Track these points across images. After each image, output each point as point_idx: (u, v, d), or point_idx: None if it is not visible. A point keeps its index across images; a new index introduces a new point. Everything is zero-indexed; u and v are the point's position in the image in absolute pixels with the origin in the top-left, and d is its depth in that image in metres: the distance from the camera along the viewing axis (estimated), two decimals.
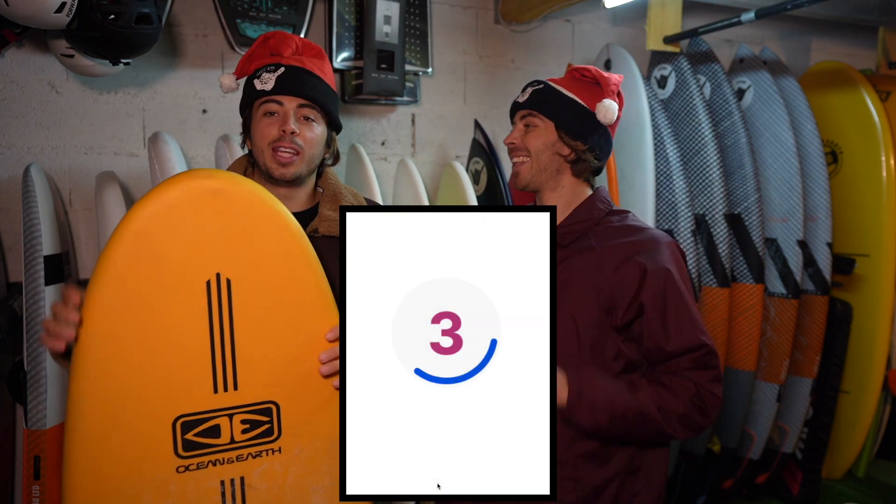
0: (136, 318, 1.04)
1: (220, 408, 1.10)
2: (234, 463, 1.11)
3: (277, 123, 1.32)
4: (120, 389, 1.05)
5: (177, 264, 1.05)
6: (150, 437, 1.07)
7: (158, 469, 1.07)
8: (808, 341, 2.81)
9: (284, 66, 1.33)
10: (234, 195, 1.08)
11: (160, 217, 1.05)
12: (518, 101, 1.44)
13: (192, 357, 1.08)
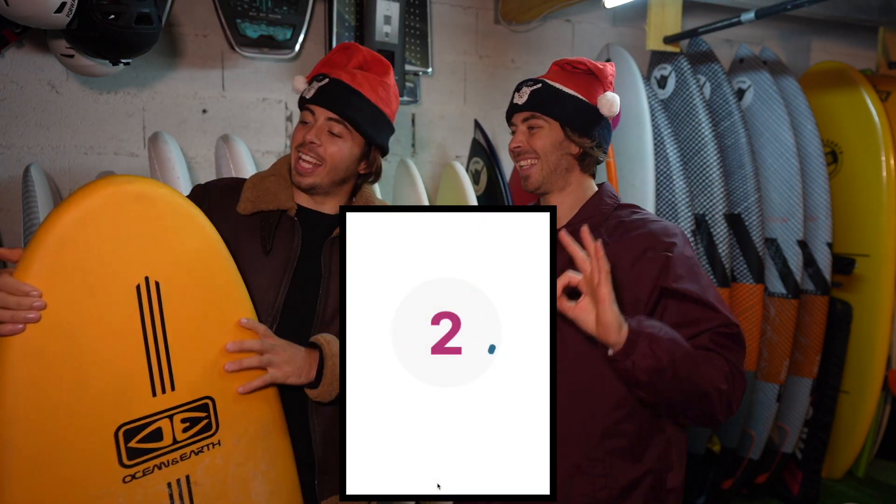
0: (65, 332, 1.00)
1: (160, 410, 1.09)
2: (179, 463, 1.11)
3: (305, 131, 1.36)
4: (54, 408, 1.00)
5: (104, 271, 1.03)
6: (92, 451, 1.03)
7: (104, 483, 1.04)
8: (808, 341, 2.81)
9: (330, 78, 1.37)
10: (154, 199, 1.09)
11: (82, 224, 1.01)
12: (516, 102, 1.39)
13: (128, 363, 1.06)
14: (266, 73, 2.56)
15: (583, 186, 1.41)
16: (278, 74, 2.57)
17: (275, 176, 1.42)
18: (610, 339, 1.15)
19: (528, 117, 1.37)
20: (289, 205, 1.37)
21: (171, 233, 1.11)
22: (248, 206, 1.37)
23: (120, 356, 1.05)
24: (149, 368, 1.08)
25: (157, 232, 1.09)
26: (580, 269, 1.16)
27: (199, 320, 1.14)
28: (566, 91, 1.37)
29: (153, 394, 1.08)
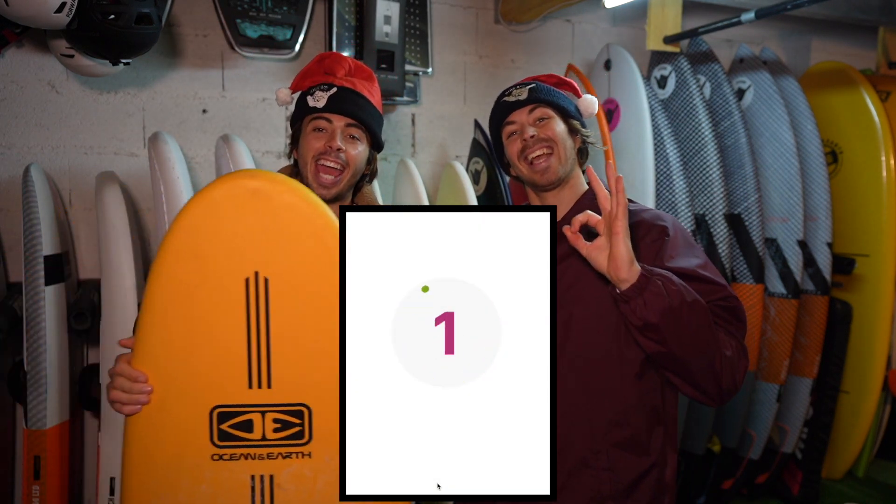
0: (182, 311, 1.10)
1: (254, 404, 1.13)
2: (265, 460, 1.14)
3: (325, 139, 1.39)
4: (165, 376, 1.11)
5: (218, 261, 1.10)
6: (189, 423, 1.12)
7: (196, 454, 1.12)
8: (808, 341, 2.81)
9: (337, 87, 1.40)
10: (273, 195, 1.10)
11: (204, 215, 1.09)
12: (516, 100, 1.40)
13: (229, 351, 1.11)
14: (266, 73, 2.56)
15: (580, 181, 1.43)
16: (278, 74, 2.57)
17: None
18: (621, 275, 1.16)
19: (535, 108, 1.38)
20: None
21: (285, 231, 1.11)
22: None
23: (223, 343, 1.11)
24: (248, 360, 1.12)
25: (271, 229, 1.10)
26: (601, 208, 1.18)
27: (305, 326, 1.13)
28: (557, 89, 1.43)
29: (249, 385, 1.12)
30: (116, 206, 2.00)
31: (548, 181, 1.37)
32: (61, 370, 2.01)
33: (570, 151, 1.39)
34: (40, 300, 1.95)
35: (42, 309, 1.95)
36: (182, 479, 1.12)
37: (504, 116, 1.43)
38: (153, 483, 1.12)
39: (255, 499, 1.14)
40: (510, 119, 1.42)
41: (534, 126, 1.38)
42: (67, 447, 2.06)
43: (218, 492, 1.12)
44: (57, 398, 2.00)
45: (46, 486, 2.00)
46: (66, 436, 2.05)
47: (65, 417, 2.04)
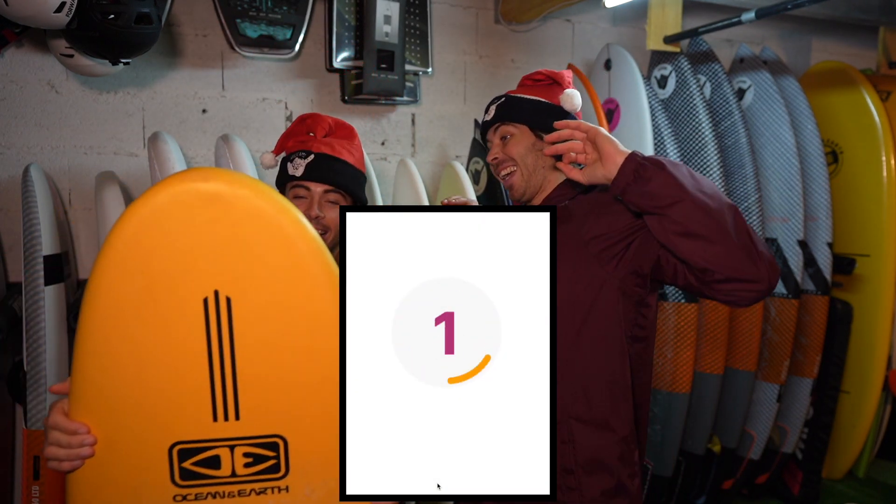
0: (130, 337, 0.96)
1: (220, 438, 1.01)
2: (236, 497, 1.03)
3: (304, 206, 1.42)
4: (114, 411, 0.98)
5: (170, 279, 0.94)
6: (146, 462, 1.00)
7: (155, 496, 1.01)
8: (808, 341, 2.81)
9: (314, 154, 1.44)
10: (232, 201, 0.94)
11: (150, 225, 0.92)
12: (486, 120, 1.47)
13: (188, 381, 0.98)
14: (266, 73, 2.56)
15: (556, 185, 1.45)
16: (278, 74, 2.57)
17: None
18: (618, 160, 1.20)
19: (499, 127, 1.45)
20: None
21: (250, 243, 0.96)
22: None
23: (181, 372, 0.98)
24: (211, 391, 0.99)
25: (233, 241, 0.95)
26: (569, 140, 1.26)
27: (277, 348, 1.01)
28: (528, 98, 1.45)
29: (213, 418, 1.00)
30: (116, 206, 1.99)
31: (516, 196, 1.45)
32: (61, 370, 2.01)
33: (537, 162, 1.42)
34: (40, 300, 1.95)
35: (42, 309, 1.95)
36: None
37: (484, 135, 1.51)
38: None
39: None
40: (488, 138, 1.50)
41: (499, 146, 1.45)
42: None
43: None
44: (57, 398, 1.99)
45: (46, 486, 1.99)
46: None
47: None
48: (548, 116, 1.41)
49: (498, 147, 1.45)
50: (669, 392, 2.52)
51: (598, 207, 1.33)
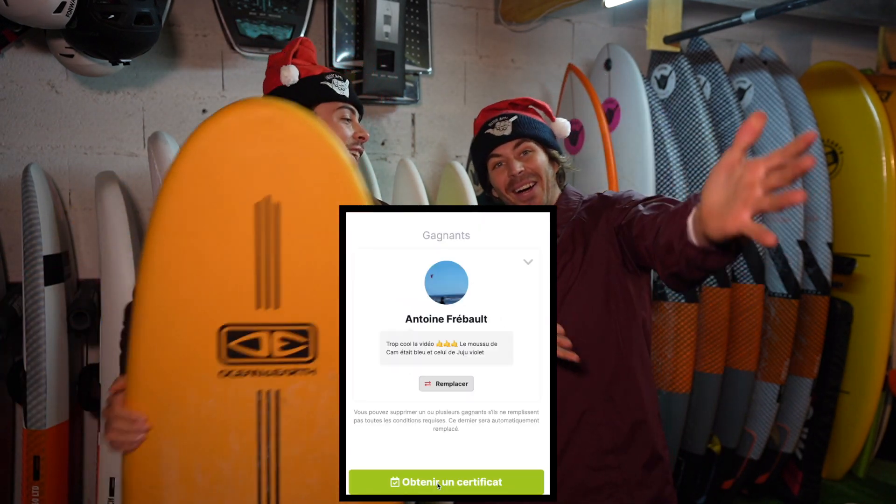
0: (194, 231, 1.13)
1: (262, 322, 1.16)
2: (271, 376, 1.17)
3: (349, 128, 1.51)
4: (175, 294, 1.14)
5: (230, 184, 1.12)
6: (199, 340, 1.15)
7: (204, 370, 1.15)
8: (808, 341, 2.81)
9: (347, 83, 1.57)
10: (285, 123, 1.13)
11: (217, 139, 1.12)
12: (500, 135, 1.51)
13: (238, 271, 1.14)
14: None
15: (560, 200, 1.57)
16: None
17: None
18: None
19: (519, 143, 1.51)
20: None
21: (298, 158, 1.14)
22: None
23: (233, 263, 1.14)
24: (256, 281, 1.14)
25: (283, 156, 1.13)
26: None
27: (314, 249, 1.17)
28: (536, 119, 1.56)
29: (257, 305, 1.15)
30: (116, 206, 1.99)
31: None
32: (61, 370, 2.01)
33: (552, 179, 1.53)
34: (40, 300, 1.95)
35: (42, 309, 1.95)
36: (189, 392, 1.15)
37: (490, 149, 1.54)
38: (161, 393, 1.15)
39: (262, 412, 1.17)
40: (496, 152, 1.53)
41: (519, 160, 1.50)
42: (67, 447, 2.06)
43: (225, 405, 1.16)
44: (56, 398, 1.99)
45: (46, 487, 1.99)
46: (65, 436, 2.05)
47: (64, 417, 2.03)
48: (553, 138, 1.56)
49: (520, 162, 1.50)
50: (669, 392, 2.52)
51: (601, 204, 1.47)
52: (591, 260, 1.40)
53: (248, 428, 1.17)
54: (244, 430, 1.17)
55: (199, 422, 1.16)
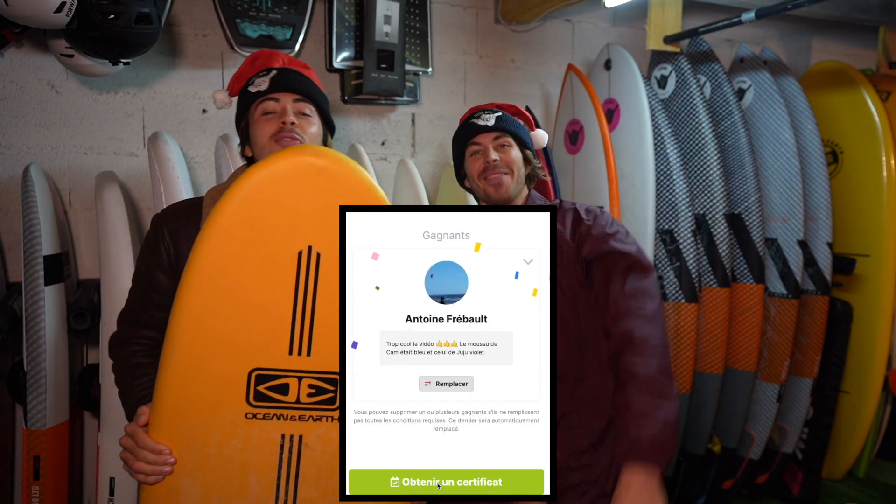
0: (233, 274, 1.14)
1: (293, 369, 1.18)
2: (296, 421, 1.19)
3: (275, 119, 1.34)
4: (209, 335, 1.15)
5: (275, 231, 1.13)
6: (227, 381, 1.16)
7: (230, 412, 1.17)
8: (808, 341, 2.81)
9: (276, 69, 1.38)
10: (336, 174, 1.15)
11: (266, 185, 1.13)
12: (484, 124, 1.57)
13: (275, 318, 1.16)
14: None
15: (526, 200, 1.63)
16: None
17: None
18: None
19: (499, 136, 1.57)
20: None
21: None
22: None
23: (270, 309, 1.15)
24: (291, 328, 1.16)
25: (330, 207, 1.13)
26: None
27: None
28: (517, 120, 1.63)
29: (289, 352, 1.17)
30: (116, 206, 1.99)
31: (500, 196, 1.54)
32: (61, 370, 2.01)
33: (522, 176, 1.59)
34: (40, 300, 1.95)
35: (42, 309, 1.95)
36: (214, 431, 1.17)
37: (470, 137, 1.59)
38: (186, 430, 1.16)
39: (284, 456, 1.19)
40: (476, 140, 1.58)
41: (496, 151, 1.56)
42: (67, 447, 2.06)
43: (248, 446, 1.18)
44: (56, 398, 1.99)
45: (46, 486, 2.00)
46: (65, 436, 2.05)
47: (64, 417, 2.03)
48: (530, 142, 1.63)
49: (497, 152, 1.56)
50: None
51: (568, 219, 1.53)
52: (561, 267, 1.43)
53: (269, 470, 1.19)
54: (265, 472, 1.19)
55: (222, 461, 1.17)
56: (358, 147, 2.43)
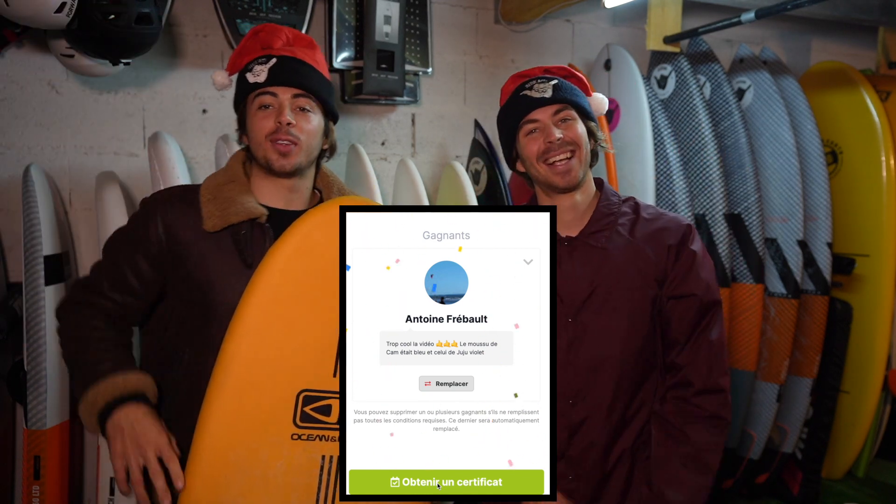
0: (288, 299, 1.21)
1: (335, 391, 1.21)
2: (335, 442, 1.21)
3: (273, 115, 1.30)
4: (262, 357, 1.20)
5: (328, 265, 1.18)
6: (277, 402, 1.20)
7: (278, 432, 1.20)
8: (808, 341, 2.81)
9: (276, 57, 1.31)
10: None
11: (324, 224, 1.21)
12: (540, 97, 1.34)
13: (323, 342, 1.21)
14: None
15: (591, 184, 1.43)
16: None
17: (233, 182, 1.35)
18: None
19: (560, 109, 1.35)
20: (258, 212, 1.32)
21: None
22: (217, 222, 1.30)
23: (319, 334, 1.21)
24: (338, 354, 1.21)
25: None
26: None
27: None
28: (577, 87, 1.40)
29: (334, 374, 1.22)
30: (116, 206, 1.99)
31: (568, 184, 1.35)
32: (61, 370, 2.01)
33: (588, 155, 1.37)
34: (40, 300, 1.95)
35: (42, 309, 1.95)
36: (262, 452, 1.19)
37: (525, 112, 1.36)
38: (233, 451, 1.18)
39: (323, 476, 1.22)
40: (532, 117, 1.35)
41: (558, 127, 1.34)
42: (67, 447, 2.06)
43: (291, 468, 1.20)
44: (57, 398, 1.99)
45: (46, 486, 1.99)
46: (66, 436, 2.05)
47: (65, 417, 2.03)
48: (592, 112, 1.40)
49: (559, 129, 1.33)
50: None
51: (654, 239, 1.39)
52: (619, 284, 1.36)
53: (310, 491, 1.22)
54: (306, 493, 1.21)
55: (266, 484, 1.19)
56: (358, 147, 2.43)
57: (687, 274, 1.34)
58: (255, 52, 1.36)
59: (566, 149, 1.34)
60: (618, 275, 1.34)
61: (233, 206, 1.31)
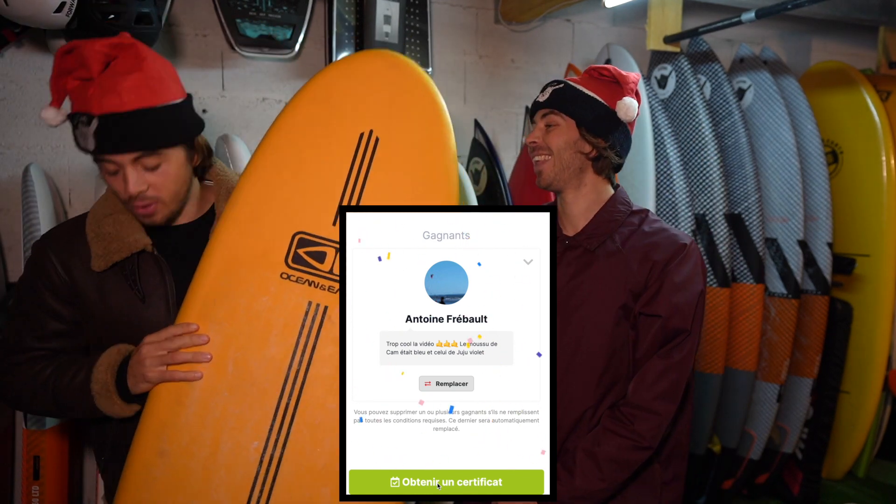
0: (300, 145, 1.26)
1: (333, 239, 1.23)
2: (325, 291, 1.23)
3: (121, 182, 1.19)
4: (268, 195, 1.25)
5: (342, 114, 1.26)
6: (273, 239, 1.24)
7: (269, 267, 1.23)
8: (808, 341, 2.81)
9: (97, 118, 1.14)
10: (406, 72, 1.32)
11: (341, 75, 1.30)
12: (538, 100, 1.45)
13: (327, 189, 1.25)
14: (266, 73, 2.56)
15: (598, 189, 1.44)
16: (278, 74, 2.57)
17: (112, 215, 1.28)
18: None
19: (547, 113, 1.43)
20: (142, 243, 1.26)
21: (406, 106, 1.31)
22: (102, 263, 1.24)
23: (324, 181, 1.25)
24: (340, 200, 1.25)
25: (395, 101, 1.29)
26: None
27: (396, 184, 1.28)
28: (586, 93, 1.41)
29: (333, 223, 1.24)
30: None
31: (542, 183, 1.43)
32: None
33: (572, 160, 1.40)
34: None
35: None
36: (248, 285, 1.22)
37: (532, 115, 1.51)
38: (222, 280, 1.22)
39: (306, 322, 1.22)
40: (534, 118, 1.49)
41: (541, 130, 1.43)
42: (67, 447, 2.06)
43: (276, 306, 1.22)
44: None
45: (46, 486, 1.99)
46: (66, 436, 2.05)
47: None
48: (599, 119, 1.39)
49: (540, 132, 1.43)
50: None
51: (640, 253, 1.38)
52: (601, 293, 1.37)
53: (290, 333, 1.21)
54: (286, 334, 1.21)
55: (248, 315, 1.21)
56: None
57: (657, 294, 1.34)
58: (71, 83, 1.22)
59: (541, 152, 1.43)
60: (594, 281, 1.36)
61: (114, 243, 1.25)
